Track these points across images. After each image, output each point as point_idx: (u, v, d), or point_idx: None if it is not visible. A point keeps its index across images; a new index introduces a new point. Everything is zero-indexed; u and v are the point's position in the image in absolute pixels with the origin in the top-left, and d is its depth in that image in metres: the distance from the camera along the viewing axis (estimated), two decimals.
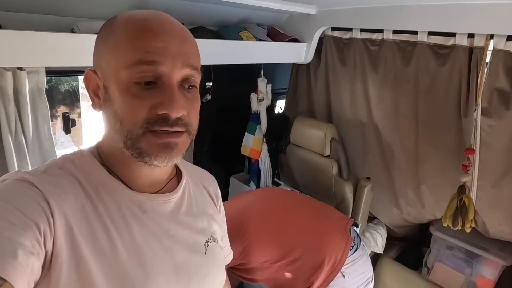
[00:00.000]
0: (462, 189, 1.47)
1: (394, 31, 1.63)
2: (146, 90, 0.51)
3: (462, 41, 1.43)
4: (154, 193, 0.61)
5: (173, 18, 0.56)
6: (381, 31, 1.67)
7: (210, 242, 0.67)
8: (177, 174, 0.69)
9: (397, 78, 1.68)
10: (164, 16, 0.55)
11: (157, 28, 0.51)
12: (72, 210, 0.50)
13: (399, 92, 1.70)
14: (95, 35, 0.57)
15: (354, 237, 1.43)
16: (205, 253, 0.65)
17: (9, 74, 1.14)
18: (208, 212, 0.71)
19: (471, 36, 1.41)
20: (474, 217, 1.49)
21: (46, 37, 1.06)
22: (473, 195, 1.55)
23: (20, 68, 1.14)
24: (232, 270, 1.41)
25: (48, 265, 0.47)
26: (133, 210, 0.57)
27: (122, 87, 0.51)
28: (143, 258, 0.55)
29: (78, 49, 1.12)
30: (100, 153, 0.59)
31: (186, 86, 0.55)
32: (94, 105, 0.57)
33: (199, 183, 0.74)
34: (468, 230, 1.50)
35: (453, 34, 1.45)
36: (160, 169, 0.60)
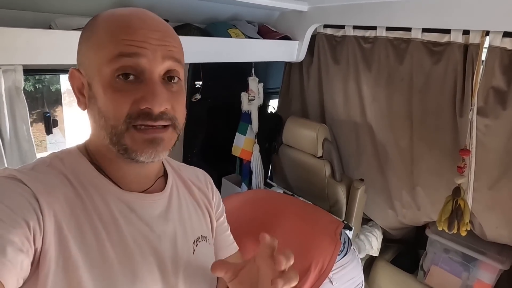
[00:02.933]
0: (457, 191, 1.43)
1: (388, 28, 1.58)
2: (129, 85, 0.51)
3: (457, 38, 1.38)
4: (142, 191, 0.60)
5: (155, 15, 0.56)
6: (374, 28, 1.63)
7: (199, 242, 0.67)
8: (165, 173, 0.68)
9: (390, 76, 1.64)
10: (146, 12, 0.55)
11: (137, 23, 0.52)
12: (61, 207, 0.50)
13: (393, 91, 1.65)
14: (74, 32, 0.58)
15: (344, 242, 1.39)
16: (193, 253, 0.64)
17: None
18: (198, 211, 0.70)
19: (466, 32, 1.36)
20: (470, 220, 1.44)
21: (22, 33, 1.02)
22: (469, 197, 1.50)
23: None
24: None
25: (36, 262, 0.47)
26: (121, 208, 0.56)
27: (105, 83, 0.51)
28: (130, 257, 0.54)
29: (56, 46, 1.08)
30: (88, 151, 0.59)
31: (170, 80, 0.55)
32: (79, 103, 0.57)
33: (188, 181, 0.73)
34: (463, 234, 1.46)
35: (447, 31, 1.41)
36: (147, 167, 0.60)
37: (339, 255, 1.31)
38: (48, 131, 1.37)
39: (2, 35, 0.97)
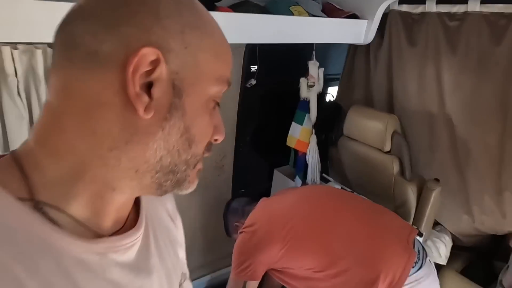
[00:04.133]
0: None
1: (483, 1, 1.33)
2: (213, 112, 0.43)
3: None
4: (118, 230, 0.44)
5: None
6: (465, 1, 1.38)
7: (183, 282, 0.57)
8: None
9: (482, 61, 1.39)
10: None
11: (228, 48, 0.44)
12: None
13: (483, 78, 1.41)
14: None
15: (419, 251, 1.21)
16: None
17: (39, 52, 1.07)
18: (171, 238, 0.56)
19: None
20: None
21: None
22: None
23: (51, 46, 1.05)
24: (273, 272, 1.29)
25: None
26: (89, 267, 0.38)
27: (203, 101, 0.40)
28: None
29: None
30: (30, 183, 0.35)
31: None
32: (141, 104, 0.35)
33: (155, 199, 0.55)
34: None
35: None
36: (132, 199, 0.45)
37: (413, 267, 1.14)
38: None
39: (57, 10, 0.90)
